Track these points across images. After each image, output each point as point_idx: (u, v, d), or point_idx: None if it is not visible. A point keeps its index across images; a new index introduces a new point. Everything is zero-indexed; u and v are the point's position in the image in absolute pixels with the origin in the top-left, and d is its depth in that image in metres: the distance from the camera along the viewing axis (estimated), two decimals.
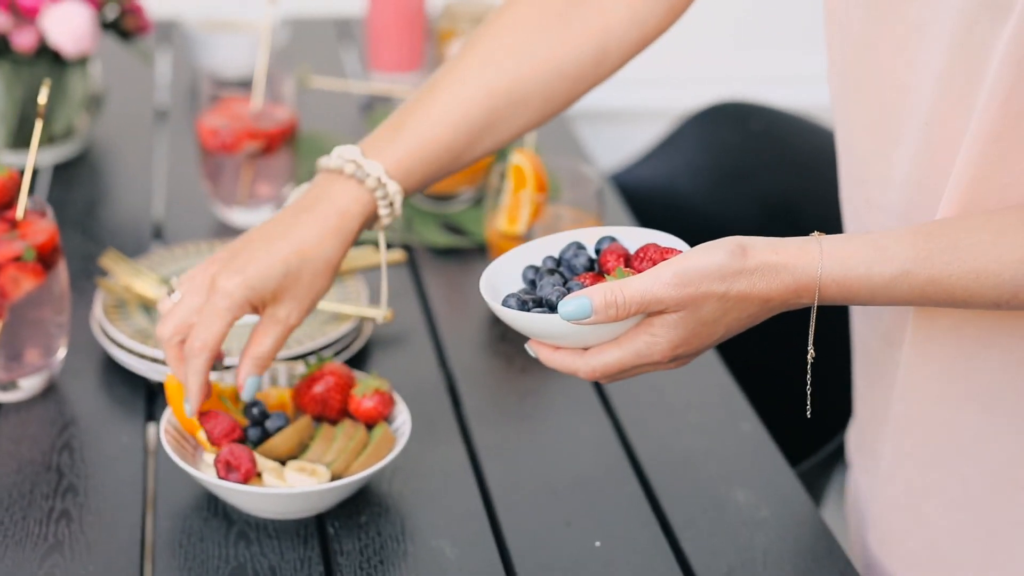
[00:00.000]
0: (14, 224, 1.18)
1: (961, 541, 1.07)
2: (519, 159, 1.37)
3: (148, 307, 1.29)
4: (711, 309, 0.91)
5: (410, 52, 1.92)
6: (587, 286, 0.93)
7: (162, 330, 1.06)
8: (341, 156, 1.09)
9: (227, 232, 1.52)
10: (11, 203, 1.19)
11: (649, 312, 0.91)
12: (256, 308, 1.06)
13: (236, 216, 1.52)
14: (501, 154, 1.64)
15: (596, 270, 1.00)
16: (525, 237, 1.38)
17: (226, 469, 1.05)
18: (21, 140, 1.60)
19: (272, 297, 1.06)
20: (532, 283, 1.00)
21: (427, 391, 1.25)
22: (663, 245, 0.97)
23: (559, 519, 1.10)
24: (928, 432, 1.07)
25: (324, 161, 1.10)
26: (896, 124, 1.00)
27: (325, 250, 1.07)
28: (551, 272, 0.99)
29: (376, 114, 1.77)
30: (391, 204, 1.09)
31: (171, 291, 1.08)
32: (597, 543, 1.07)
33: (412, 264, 1.47)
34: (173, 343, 1.06)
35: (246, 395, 1.07)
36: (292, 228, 1.07)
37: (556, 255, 1.02)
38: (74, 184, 1.62)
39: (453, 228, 1.55)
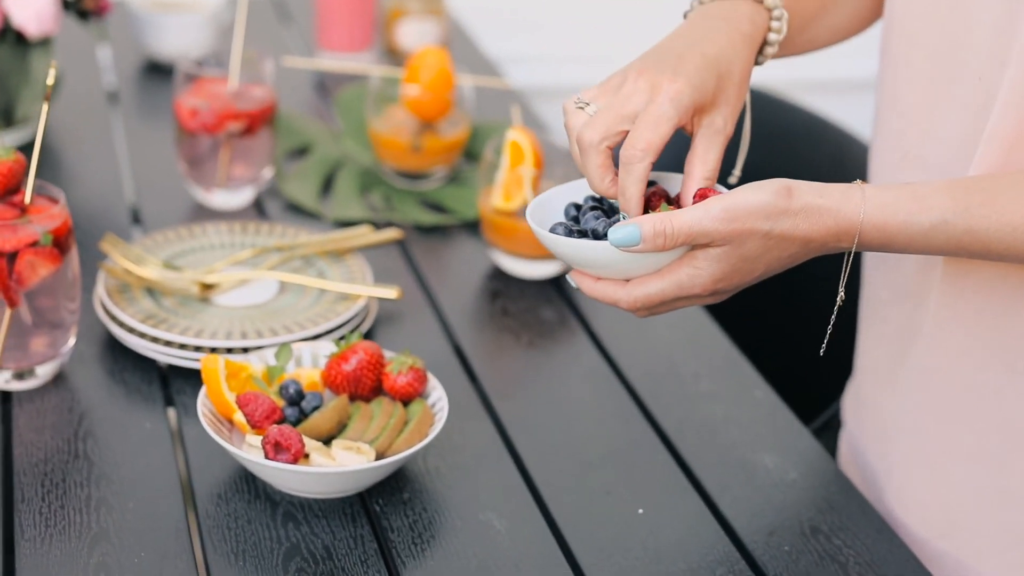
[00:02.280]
0: (23, 209, 1.15)
1: (976, 496, 1.11)
2: (516, 135, 1.38)
3: (152, 290, 1.27)
4: (754, 246, 0.94)
5: (360, 32, 1.91)
6: (622, 221, 0.95)
7: (591, 134, 0.97)
8: None
9: (207, 215, 1.49)
10: (18, 188, 1.16)
11: (694, 245, 0.94)
12: (692, 117, 0.99)
13: (215, 198, 1.50)
14: (494, 131, 1.64)
15: None
16: (520, 214, 1.39)
17: (275, 450, 1.04)
18: None
19: (710, 101, 0.99)
20: (575, 219, 1.02)
21: (442, 368, 1.25)
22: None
23: (598, 489, 1.11)
24: (948, 386, 1.10)
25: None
26: (945, 80, 1.04)
27: (740, 56, 1.01)
28: (594, 208, 1.01)
29: (340, 95, 1.75)
30: (780, 32, 1.05)
31: (580, 103, 1.00)
32: (640, 510, 1.09)
33: (400, 243, 1.46)
34: (601, 148, 0.97)
35: None
36: (707, 34, 1.01)
37: (597, 195, 1.03)
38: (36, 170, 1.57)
39: (432, 206, 1.55)
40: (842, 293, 1.00)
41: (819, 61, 2.95)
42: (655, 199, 1.01)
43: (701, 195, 0.99)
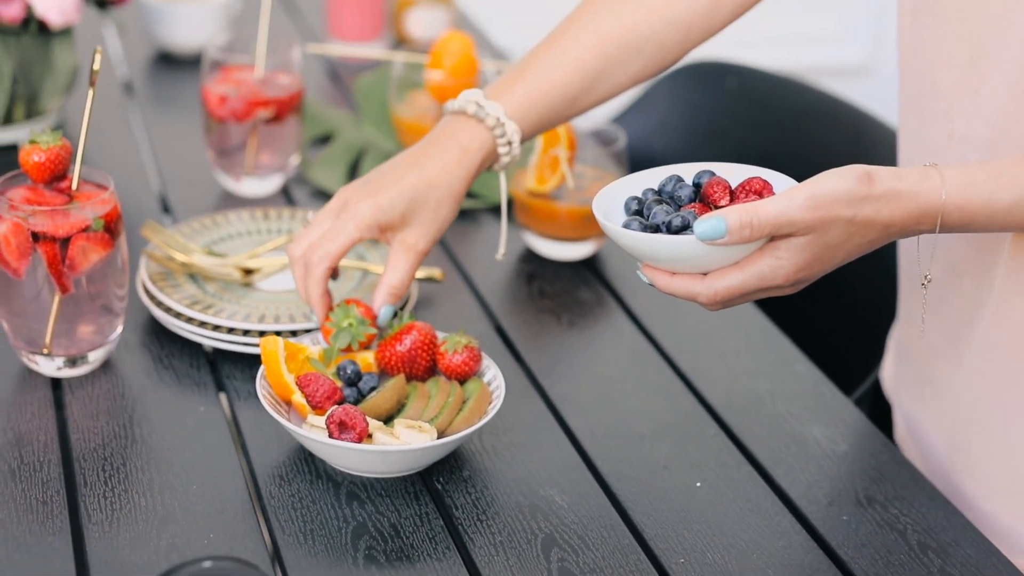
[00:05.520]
0: (70, 195, 1.14)
1: None
2: None
3: (194, 276, 1.27)
4: (837, 233, 0.95)
5: (371, 20, 1.91)
6: (699, 215, 0.96)
7: (294, 248, 1.14)
8: (465, 98, 1.16)
9: (235, 203, 1.49)
10: (64, 174, 1.15)
11: (776, 236, 0.95)
12: (383, 232, 1.14)
13: (243, 186, 1.50)
14: None
15: (699, 201, 1.01)
16: (553, 196, 1.40)
17: (340, 429, 1.04)
18: (7, 117, 1.55)
19: (400, 221, 1.14)
20: (638, 212, 1.01)
21: (486, 349, 1.25)
22: (765, 177, 1.00)
23: (655, 464, 1.12)
24: (1018, 356, 1.11)
25: (450, 104, 1.17)
26: (989, 57, 1.05)
27: (449, 180, 1.15)
28: (658, 202, 1.00)
29: (360, 81, 1.75)
30: (510, 143, 1.16)
31: (305, 220, 1.17)
32: (698, 483, 1.10)
33: None
34: (299, 264, 1.14)
35: (381, 321, 1.15)
36: (419, 160, 1.15)
37: (655, 187, 1.03)
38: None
39: None
40: (928, 274, 1.01)
41: (808, 47, 2.98)
42: (720, 190, 0.99)
43: (769, 190, 0.98)
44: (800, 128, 1.72)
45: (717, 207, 0.98)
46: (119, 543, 1.00)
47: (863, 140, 1.68)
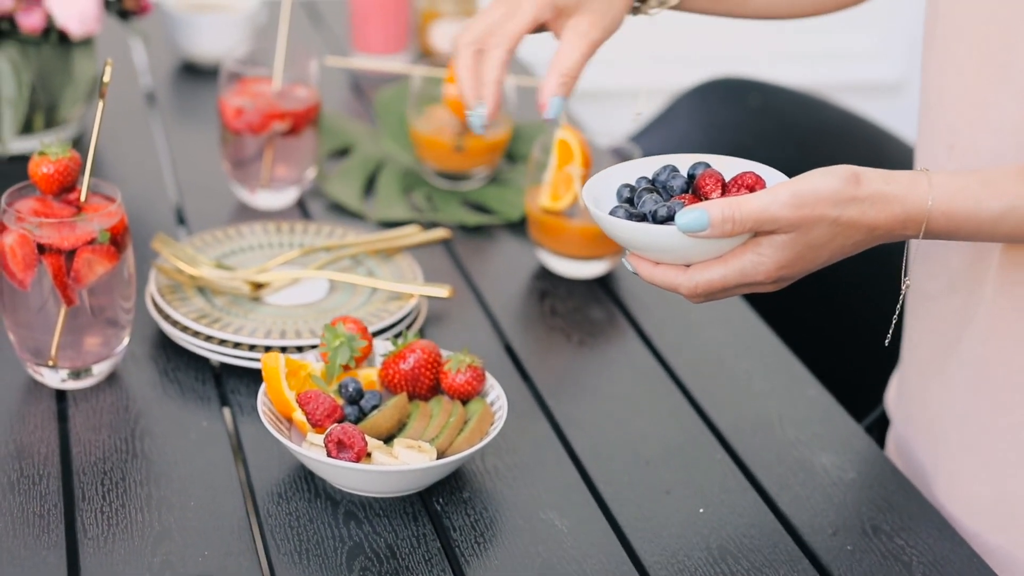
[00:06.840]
0: (79, 207, 1.14)
1: None
2: (565, 134, 1.38)
3: (203, 289, 1.27)
4: (821, 233, 0.94)
5: (395, 33, 1.91)
6: (687, 205, 0.95)
7: (464, 35, 1.10)
8: None
9: (251, 215, 1.49)
10: (73, 185, 1.16)
11: (759, 232, 0.94)
12: (556, 17, 1.10)
13: (259, 199, 1.50)
14: (535, 131, 1.64)
15: (691, 193, 1.00)
16: (567, 214, 1.39)
17: (338, 448, 1.03)
18: (26, 126, 1.55)
19: (575, 6, 1.10)
20: (629, 200, 1.01)
21: (494, 367, 1.24)
22: (759, 173, 0.99)
23: (658, 488, 1.11)
24: (1003, 374, 1.10)
25: None
26: (997, 68, 1.03)
27: None
28: (649, 191, 1.00)
29: (380, 95, 1.75)
30: None
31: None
32: (700, 510, 1.09)
33: (445, 243, 1.46)
34: (470, 50, 1.10)
35: (551, 113, 1.10)
36: None
37: (649, 176, 1.03)
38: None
39: (474, 206, 1.54)
40: (908, 281, 1.00)
41: (844, 63, 2.97)
42: (712, 183, 0.99)
43: (761, 184, 0.97)
44: (822, 146, 1.71)
45: (708, 199, 0.97)
46: (113, 559, 0.99)
47: (885, 158, 1.66)
